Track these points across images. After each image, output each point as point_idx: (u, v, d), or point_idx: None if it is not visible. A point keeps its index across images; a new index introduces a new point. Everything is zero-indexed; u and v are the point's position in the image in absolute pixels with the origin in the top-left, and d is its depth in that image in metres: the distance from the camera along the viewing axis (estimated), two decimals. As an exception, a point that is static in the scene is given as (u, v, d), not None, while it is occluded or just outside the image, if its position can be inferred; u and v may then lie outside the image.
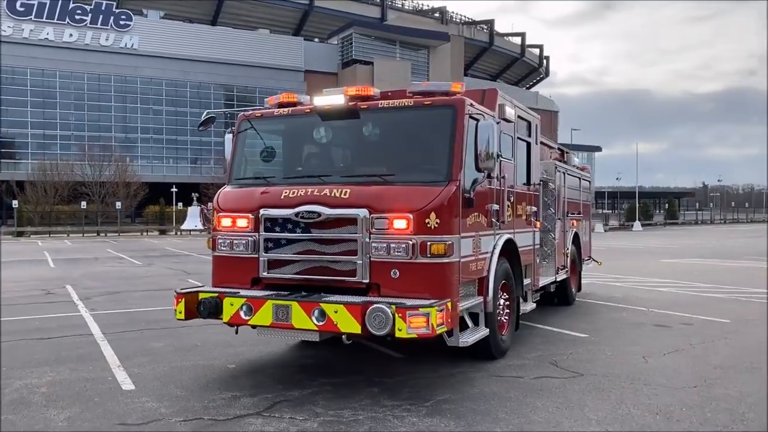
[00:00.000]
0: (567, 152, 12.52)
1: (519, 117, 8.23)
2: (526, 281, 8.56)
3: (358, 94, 6.68)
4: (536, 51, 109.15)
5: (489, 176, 6.96)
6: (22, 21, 58.01)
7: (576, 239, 12.02)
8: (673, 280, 15.61)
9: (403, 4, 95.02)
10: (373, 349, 7.78)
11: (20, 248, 31.95)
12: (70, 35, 60.07)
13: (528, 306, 8.55)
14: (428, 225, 5.90)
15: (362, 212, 6.03)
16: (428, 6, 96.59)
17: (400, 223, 5.91)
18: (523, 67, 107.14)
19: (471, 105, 6.42)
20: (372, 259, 6.03)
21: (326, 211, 6.15)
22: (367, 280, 6.07)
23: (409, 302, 5.64)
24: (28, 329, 9.32)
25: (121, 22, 62.20)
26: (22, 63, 57.85)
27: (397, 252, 5.91)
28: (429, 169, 6.31)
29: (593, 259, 13.99)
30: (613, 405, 5.69)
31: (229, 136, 7.39)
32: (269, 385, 6.29)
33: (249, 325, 6.12)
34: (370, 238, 6.02)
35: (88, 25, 60.64)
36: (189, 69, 65.95)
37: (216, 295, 6.28)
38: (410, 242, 5.88)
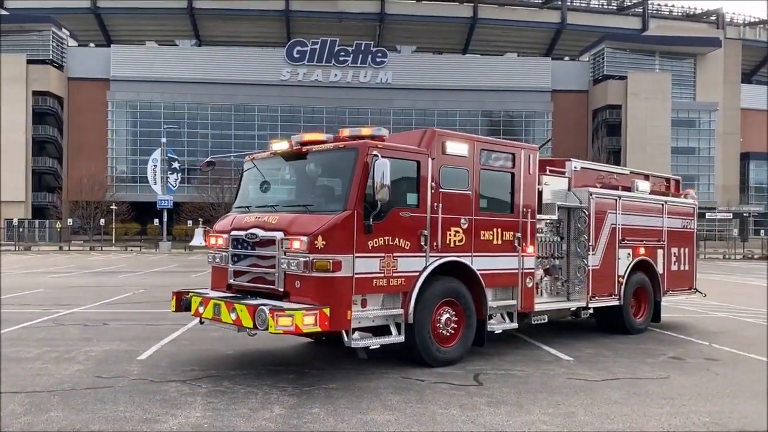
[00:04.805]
0: (640, 178, 12.27)
1: (486, 150, 8.97)
2: (504, 302, 9.15)
3: (309, 140, 8.37)
4: None
5: (418, 206, 8.08)
6: (297, 66, 68.56)
7: (644, 267, 11.70)
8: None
9: (671, 11, 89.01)
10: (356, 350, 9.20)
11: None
12: (335, 75, 69.09)
13: (502, 326, 9.12)
14: (317, 246, 7.32)
15: (279, 234, 7.67)
16: (701, 9, 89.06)
17: (296, 244, 7.43)
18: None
19: (375, 147, 7.64)
20: (285, 272, 7.64)
21: (260, 233, 7.92)
22: (282, 289, 7.68)
23: (286, 306, 7.15)
24: (148, 318, 12.38)
25: (378, 59, 69.49)
26: (297, 102, 68.24)
27: (293, 267, 7.44)
28: (335, 200, 7.73)
29: (697, 291, 13.17)
30: (447, 409, 6.44)
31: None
32: (227, 366, 8.22)
33: (203, 317, 8.14)
34: (285, 255, 7.64)
35: (349, 64, 69.13)
36: (437, 98, 70.63)
37: (193, 294, 8.44)
38: (302, 259, 7.36)
